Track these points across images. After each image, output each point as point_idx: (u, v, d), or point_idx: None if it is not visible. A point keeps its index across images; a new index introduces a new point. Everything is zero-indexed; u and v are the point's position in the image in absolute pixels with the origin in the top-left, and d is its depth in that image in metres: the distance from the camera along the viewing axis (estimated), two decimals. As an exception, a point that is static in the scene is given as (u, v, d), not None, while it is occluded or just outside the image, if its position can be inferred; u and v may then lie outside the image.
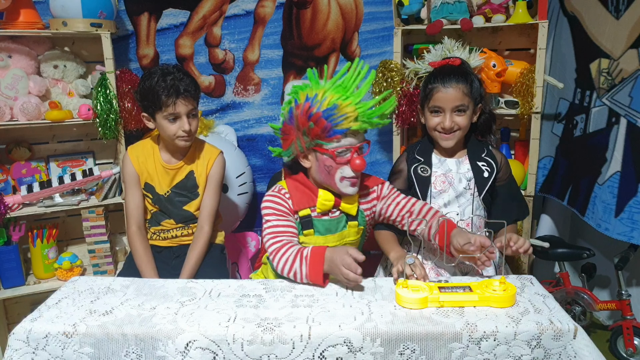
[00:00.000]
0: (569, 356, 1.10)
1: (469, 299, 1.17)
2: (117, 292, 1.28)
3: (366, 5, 2.63)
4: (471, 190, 1.60)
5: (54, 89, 2.23)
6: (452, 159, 1.63)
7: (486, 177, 1.60)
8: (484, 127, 1.69)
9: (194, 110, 1.74)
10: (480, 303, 1.17)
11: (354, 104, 1.38)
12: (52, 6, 2.08)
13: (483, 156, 1.62)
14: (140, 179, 1.81)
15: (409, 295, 1.17)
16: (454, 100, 1.54)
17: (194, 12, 2.51)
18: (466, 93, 1.55)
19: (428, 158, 1.64)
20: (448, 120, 1.55)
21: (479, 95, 1.60)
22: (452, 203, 1.60)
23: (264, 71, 2.64)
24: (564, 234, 2.56)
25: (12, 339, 1.12)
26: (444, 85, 1.55)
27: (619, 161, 1.92)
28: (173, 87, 1.66)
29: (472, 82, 1.57)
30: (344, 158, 1.41)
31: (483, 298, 1.17)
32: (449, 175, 1.61)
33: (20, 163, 2.24)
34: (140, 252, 1.77)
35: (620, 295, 2.09)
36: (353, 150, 1.41)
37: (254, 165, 2.62)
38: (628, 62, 1.87)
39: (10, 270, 2.11)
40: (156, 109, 1.70)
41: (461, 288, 1.21)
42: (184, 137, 1.72)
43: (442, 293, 1.18)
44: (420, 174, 1.62)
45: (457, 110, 1.56)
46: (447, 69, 1.59)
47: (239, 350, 1.07)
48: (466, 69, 1.60)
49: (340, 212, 1.53)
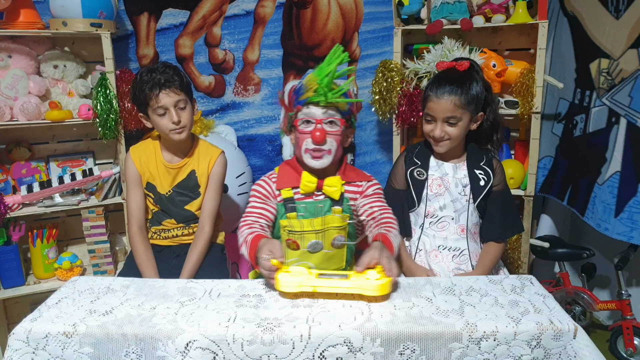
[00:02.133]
0: (569, 356, 1.10)
1: (341, 284, 1.18)
2: (117, 292, 1.28)
3: (366, 5, 2.63)
4: (466, 196, 1.59)
5: (54, 89, 2.23)
6: (449, 163, 1.62)
7: (482, 185, 1.59)
8: (485, 135, 1.64)
9: (182, 101, 1.72)
10: (351, 289, 1.18)
11: (315, 74, 1.46)
12: (52, 6, 2.08)
13: (481, 164, 1.61)
14: (142, 179, 1.81)
15: (284, 279, 1.18)
16: (445, 112, 1.52)
17: (193, 12, 2.51)
18: (459, 105, 1.51)
19: (426, 161, 1.64)
20: (438, 130, 1.54)
21: (480, 103, 1.56)
22: (448, 207, 1.60)
23: (264, 71, 2.64)
24: (564, 234, 2.56)
25: (12, 339, 1.12)
26: (437, 95, 1.53)
27: (618, 161, 1.92)
28: (154, 80, 1.67)
29: (469, 91, 1.52)
30: (307, 130, 1.47)
31: (355, 285, 1.18)
32: (445, 179, 1.60)
33: (20, 163, 2.24)
34: (141, 253, 1.77)
35: (620, 295, 2.09)
36: (316, 123, 1.47)
37: (254, 165, 2.61)
38: (628, 62, 1.88)
39: (10, 270, 2.11)
40: (145, 105, 1.71)
41: (338, 275, 1.22)
42: (176, 130, 1.71)
43: (318, 278, 1.20)
44: (416, 176, 1.62)
45: (448, 121, 1.53)
46: (445, 77, 1.55)
47: (239, 350, 1.07)
48: (470, 76, 1.54)
49: (325, 196, 1.55)
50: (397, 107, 2.28)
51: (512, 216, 1.66)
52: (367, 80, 2.66)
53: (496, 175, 1.62)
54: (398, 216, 1.63)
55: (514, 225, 1.67)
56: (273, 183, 1.57)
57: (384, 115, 2.35)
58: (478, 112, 1.57)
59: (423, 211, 1.62)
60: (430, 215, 1.62)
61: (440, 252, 1.60)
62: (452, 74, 1.55)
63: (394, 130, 2.38)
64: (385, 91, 2.30)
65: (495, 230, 1.62)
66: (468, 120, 1.55)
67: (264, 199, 1.56)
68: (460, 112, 1.52)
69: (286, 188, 1.56)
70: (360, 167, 2.78)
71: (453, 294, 1.23)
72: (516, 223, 1.68)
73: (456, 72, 1.55)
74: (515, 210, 1.70)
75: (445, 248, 1.60)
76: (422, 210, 1.62)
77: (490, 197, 1.62)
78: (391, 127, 2.40)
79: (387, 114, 2.35)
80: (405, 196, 1.65)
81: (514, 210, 1.68)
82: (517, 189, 2.27)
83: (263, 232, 1.45)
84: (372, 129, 2.77)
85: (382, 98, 2.32)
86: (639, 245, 1.97)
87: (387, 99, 2.30)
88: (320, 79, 1.44)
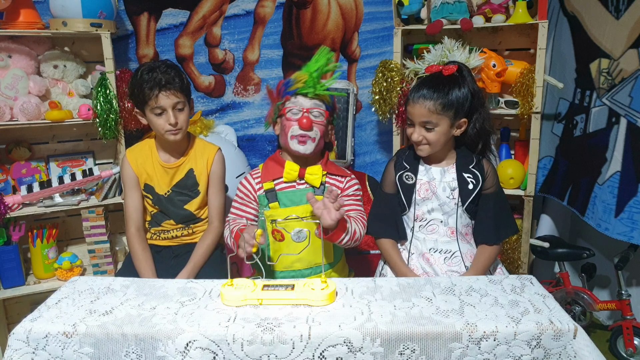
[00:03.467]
0: (569, 356, 1.10)
1: (287, 296, 1.20)
2: (117, 292, 1.28)
3: (366, 5, 2.63)
4: (455, 199, 1.59)
5: (54, 89, 2.23)
6: (437, 167, 1.61)
7: (470, 188, 1.58)
8: (470, 142, 1.61)
9: (181, 103, 1.72)
10: (297, 300, 1.19)
11: (304, 71, 1.61)
12: (52, 6, 2.08)
13: (470, 167, 1.60)
14: (139, 181, 1.81)
15: (228, 293, 1.19)
16: (420, 116, 1.52)
17: (193, 12, 2.51)
18: (433, 110, 1.49)
19: (414, 165, 1.63)
20: (416, 134, 1.55)
21: (463, 109, 1.53)
22: (436, 210, 1.60)
23: (264, 71, 2.64)
24: (564, 234, 2.56)
25: (12, 339, 1.12)
26: (413, 99, 1.53)
27: (619, 161, 1.92)
28: (155, 80, 1.66)
29: (447, 96, 1.49)
30: (295, 118, 1.59)
31: (301, 296, 1.19)
32: (432, 184, 1.59)
33: (20, 163, 2.24)
34: (139, 255, 1.77)
35: (620, 295, 2.09)
36: (303, 111, 1.59)
37: (254, 165, 2.61)
38: (628, 62, 1.87)
39: (10, 270, 2.11)
40: (143, 103, 1.71)
41: (284, 286, 1.23)
42: (172, 131, 1.71)
43: (263, 291, 1.21)
44: (405, 181, 1.62)
45: (425, 126, 1.53)
46: (427, 81, 1.54)
47: (239, 350, 1.07)
48: (452, 81, 1.52)
49: (307, 185, 1.65)
50: (397, 107, 2.28)
51: (505, 218, 1.64)
52: (367, 80, 2.66)
53: (487, 178, 1.60)
54: (390, 220, 1.65)
55: (508, 228, 1.65)
56: (254, 179, 1.70)
57: (384, 115, 2.36)
58: (459, 118, 1.54)
59: (412, 215, 1.62)
60: (420, 219, 1.62)
61: (432, 255, 1.60)
62: (434, 79, 1.54)
63: (394, 130, 2.38)
64: (385, 91, 2.30)
65: (488, 233, 1.60)
66: (447, 125, 1.52)
67: (245, 199, 1.71)
68: (436, 117, 1.50)
69: (269, 181, 1.67)
70: (360, 167, 2.78)
71: (453, 294, 1.23)
72: (510, 225, 1.66)
73: (439, 77, 1.54)
74: (510, 213, 1.68)
75: (437, 251, 1.60)
76: (412, 215, 1.63)
77: (482, 200, 1.60)
78: (391, 127, 2.40)
79: (387, 114, 2.35)
80: (397, 200, 1.65)
81: (507, 212, 1.66)
82: (517, 189, 2.27)
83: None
84: (372, 129, 2.77)
85: (382, 98, 2.32)
86: (639, 245, 1.97)
87: (387, 99, 2.30)
88: (311, 72, 1.58)
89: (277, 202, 1.64)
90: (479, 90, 1.58)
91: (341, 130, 2.43)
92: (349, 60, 2.70)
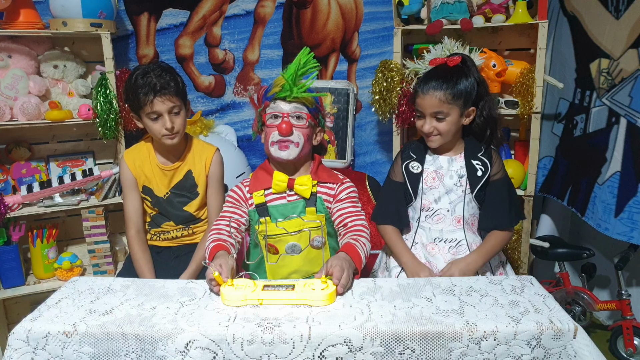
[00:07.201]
0: (569, 356, 1.10)
1: (287, 296, 1.20)
2: (117, 292, 1.28)
3: (366, 5, 2.63)
4: (462, 187, 1.60)
5: (54, 89, 2.24)
6: (444, 157, 1.63)
7: (479, 175, 1.59)
8: (479, 130, 1.63)
9: (176, 107, 1.70)
10: (297, 300, 1.19)
11: (282, 74, 1.53)
12: (52, 6, 2.08)
13: (479, 155, 1.62)
14: (137, 183, 1.81)
15: (228, 293, 1.19)
16: (431, 107, 1.53)
17: (193, 12, 2.51)
18: (444, 100, 1.52)
19: (422, 155, 1.65)
20: (427, 125, 1.56)
21: (471, 98, 1.56)
22: (442, 199, 1.60)
23: (264, 71, 2.64)
24: (564, 234, 2.56)
25: (12, 339, 1.12)
26: (422, 91, 1.55)
27: (619, 161, 1.92)
28: (150, 85, 1.64)
29: (456, 86, 1.52)
30: (275, 123, 1.53)
31: (301, 296, 1.19)
32: (440, 172, 1.61)
33: (20, 163, 2.24)
34: (139, 256, 1.77)
35: (620, 295, 2.09)
36: (283, 116, 1.52)
37: (253, 165, 2.61)
38: (628, 62, 1.87)
39: (10, 270, 2.11)
40: (138, 108, 1.69)
41: (284, 286, 1.23)
42: (168, 136, 1.70)
43: (264, 291, 1.21)
44: (411, 170, 1.63)
45: (436, 116, 1.55)
46: (434, 72, 1.57)
47: (239, 350, 1.07)
48: (459, 71, 1.55)
49: (298, 197, 1.58)
50: (397, 107, 2.28)
51: (515, 203, 1.67)
52: (367, 80, 2.66)
53: (494, 164, 1.62)
54: (394, 208, 1.65)
55: (520, 212, 1.68)
56: (245, 187, 1.62)
57: (384, 115, 2.35)
58: (468, 106, 1.57)
59: (419, 205, 1.63)
60: (426, 209, 1.62)
61: (437, 245, 1.61)
62: (440, 70, 1.57)
63: (394, 130, 2.38)
64: (385, 91, 2.30)
65: (502, 217, 1.60)
66: (457, 115, 1.55)
67: (236, 203, 1.61)
68: (447, 107, 1.53)
69: (258, 191, 1.59)
70: (360, 167, 2.78)
71: (453, 294, 1.23)
72: (520, 210, 1.70)
73: (445, 68, 1.56)
74: (517, 198, 1.71)
75: (442, 240, 1.61)
76: (419, 204, 1.63)
77: (492, 186, 1.62)
78: (391, 127, 2.40)
79: (387, 114, 2.35)
80: (404, 188, 1.65)
81: (516, 197, 1.70)
82: (517, 189, 2.27)
83: (228, 240, 1.46)
84: (372, 129, 2.77)
85: (382, 98, 2.32)
86: (639, 245, 1.97)
87: (387, 99, 2.30)
88: (287, 75, 1.51)
89: (269, 217, 1.57)
90: (483, 79, 1.63)
91: (341, 130, 2.43)
92: (349, 60, 2.70)
